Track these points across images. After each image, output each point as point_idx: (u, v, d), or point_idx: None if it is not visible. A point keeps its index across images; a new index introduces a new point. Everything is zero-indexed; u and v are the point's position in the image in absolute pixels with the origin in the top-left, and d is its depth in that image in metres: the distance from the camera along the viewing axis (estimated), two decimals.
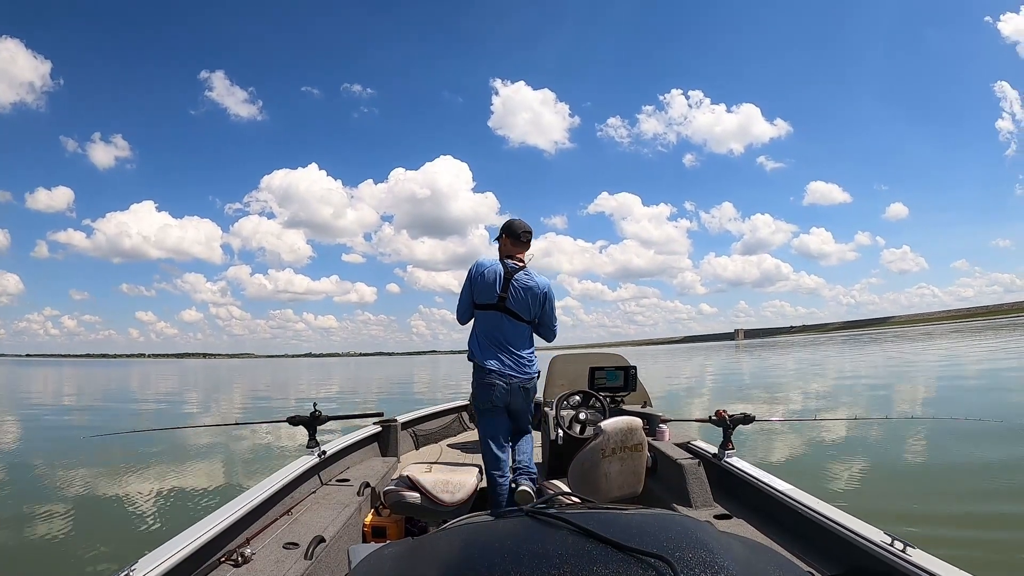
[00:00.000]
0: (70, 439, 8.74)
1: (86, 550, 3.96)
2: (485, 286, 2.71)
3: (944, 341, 41.73)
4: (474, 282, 2.73)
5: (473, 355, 2.76)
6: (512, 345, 2.73)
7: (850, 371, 20.78)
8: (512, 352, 2.73)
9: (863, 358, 28.69)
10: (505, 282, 2.70)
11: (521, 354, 2.74)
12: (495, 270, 2.72)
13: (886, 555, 1.57)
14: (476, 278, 2.73)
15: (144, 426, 9.13)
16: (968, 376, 15.36)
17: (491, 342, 2.73)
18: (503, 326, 2.72)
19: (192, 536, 1.70)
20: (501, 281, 2.70)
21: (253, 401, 17.98)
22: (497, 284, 2.70)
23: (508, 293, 2.70)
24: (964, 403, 9.54)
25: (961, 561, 1.47)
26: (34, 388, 26.75)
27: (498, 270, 2.72)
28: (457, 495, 2.46)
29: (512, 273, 2.72)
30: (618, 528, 0.72)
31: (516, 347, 2.74)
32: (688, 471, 2.56)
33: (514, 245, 2.78)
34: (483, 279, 2.71)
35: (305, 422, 2.89)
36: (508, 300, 2.70)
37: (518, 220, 2.80)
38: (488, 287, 2.71)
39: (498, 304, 2.71)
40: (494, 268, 2.72)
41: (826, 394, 13.25)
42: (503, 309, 2.71)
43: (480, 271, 2.73)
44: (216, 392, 22.79)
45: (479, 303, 2.75)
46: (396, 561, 0.82)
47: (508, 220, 2.84)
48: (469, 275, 2.77)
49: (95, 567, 3.66)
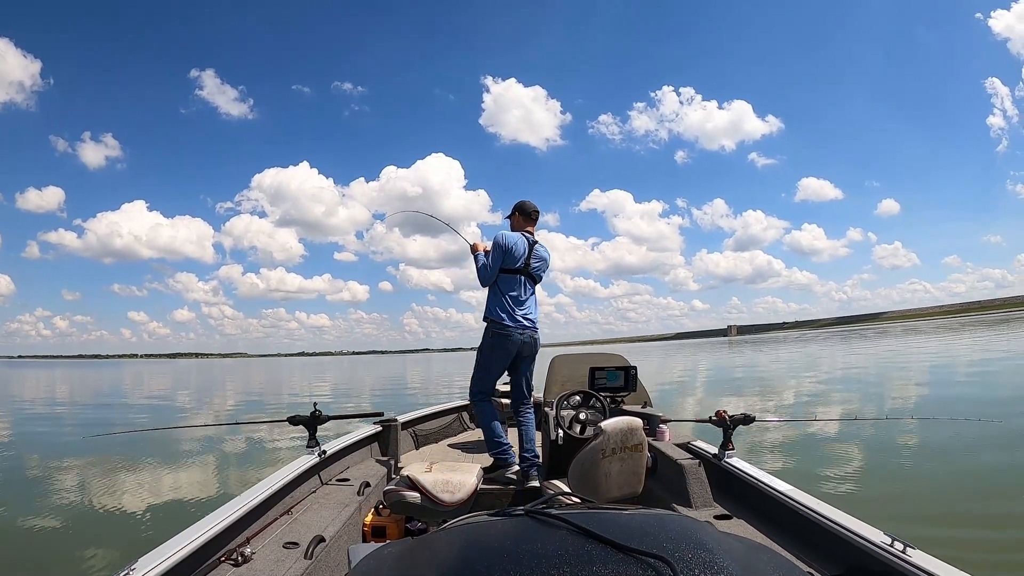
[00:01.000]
0: (66, 440, 8.72)
1: (86, 550, 3.95)
2: (515, 254, 3.27)
3: (938, 337, 41.81)
4: (506, 250, 3.26)
5: (495, 312, 3.27)
6: (528, 303, 3.34)
7: (846, 368, 20.83)
8: (528, 308, 3.33)
9: (858, 354, 28.74)
10: (529, 251, 3.31)
11: (533, 309, 3.36)
12: (522, 241, 3.30)
13: (886, 555, 1.57)
14: (509, 247, 3.26)
15: (141, 426, 9.13)
16: (964, 374, 15.39)
17: (514, 301, 3.28)
18: (521, 287, 3.31)
19: (192, 536, 1.69)
20: (527, 250, 3.30)
21: (250, 401, 17.93)
22: (524, 252, 3.29)
23: (530, 260, 3.32)
24: (962, 402, 9.55)
25: (961, 561, 1.47)
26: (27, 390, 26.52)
27: (522, 241, 3.30)
28: (457, 495, 2.45)
29: (532, 244, 3.34)
30: (618, 528, 0.72)
31: (530, 304, 3.35)
32: (688, 471, 2.56)
33: (526, 221, 3.40)
34: (515, 247, 3.27)
35: (305, 422, 2.88)
36: (531, 266, 3.32)
37: (528, 201, 3.40)
38: (518, 255, 3.28)
39: (522, 269, 3.30)
40: (520, 239, 3.30)
41: (823, 392, 13.27)
42: (525, 273, 3.31)
43: (511, 241, 3.27)
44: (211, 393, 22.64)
45: (505, 268, 3.28)
46: (396, 561, 0.82)
47: (520, 201, 3.41)
48: (499, 244, 3.27)
49: (95, 567, 3.66)
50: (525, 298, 3.32)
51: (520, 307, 3.30)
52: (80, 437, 7.55)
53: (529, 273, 3.33)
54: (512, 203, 3.48)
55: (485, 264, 3.33)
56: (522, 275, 3.31)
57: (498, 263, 3.28)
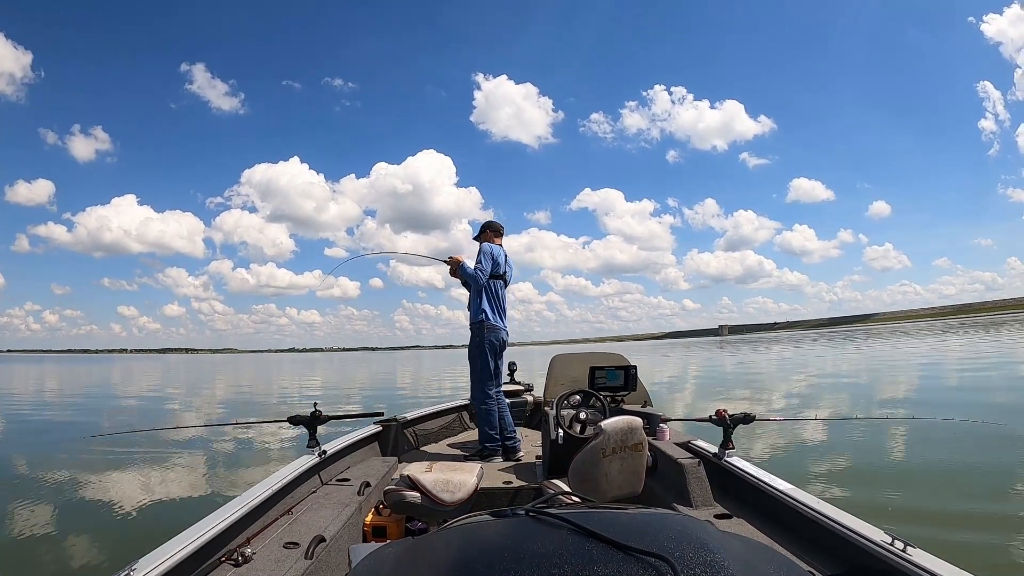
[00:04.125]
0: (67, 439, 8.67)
1: (85, 550, 3.94)
2: (498, 261, 3.85)
3: (932, 338, 41.86)
4: (494, 259, 3.82)
5: (487, 314, 3.80)
6: (505, 304, 3.93)
7: (842, 369, 20.82)
8: (505, 310, 3.92)
9: (852, 355, 28.75)
10: (505, 259, 3.92)
11: (507, 310, 3.95)
12: (501, 251, 3.91)
13: (886, 555, 1.57)
14: (496, 255, 3.84)
15: (140, 425, 9.10)
16: (963, 376, 15.38)
17: (498, 302, 3.87)
18: (503, 291, 3.91)
19: (192, 536, 1.69)
20: (504, 258, 3.90)
21: (243, 399, 17.77)
22: (503, 260, 3.89)
23: (507, 268, 3.93)
24: (962, 403, 9.54)
25: (961, 561, 1.47)
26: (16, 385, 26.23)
27: (501, 251, 3.91)
28: (457, 495, 2.45)
29: (506, 255, 3.94)
30: (618, 528, 0.72)
31: (505, 306, 3.94)
32: (688, 471, 2.57)
33: (496, 237, 4.00)
34: (498, 256, 3.86)
35: (305, 422, 2.88)
36: (507, 272, 3.94)
37: (495, 220, 4.05)
38: (500, 263, 3.86)
39: (502, 275, 3.89)
40: (500, 249, 3.92)
41: (821, 392, 13.27)
42: (503, 279, 3.91)
43: (496, 251, 3.87)
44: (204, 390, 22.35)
45: (492, 274, 3.81)
46: (396, 561, 0.82)
47: (488, 221, 4.00)
48: (489, 253, 3.82)
49: (95, 567, 3.66)
50: (503, 300, 3.91)
51: (503, 308, 3.89)
52: (80, 436, 7.51)
53: (505, 279, 3.92)
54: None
55: (477, 269, 3.79)
56: (501, 280, 3.89)
57: (488, 269, 3.78)
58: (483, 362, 3.80)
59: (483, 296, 3.80)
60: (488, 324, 3.77)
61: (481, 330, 3.77)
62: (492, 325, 3.78)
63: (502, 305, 3.88)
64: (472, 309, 3.85)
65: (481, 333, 3.77)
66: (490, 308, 3.79)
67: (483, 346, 3.79)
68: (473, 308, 3.83)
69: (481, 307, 3.78)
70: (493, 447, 3.75)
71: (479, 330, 3.78)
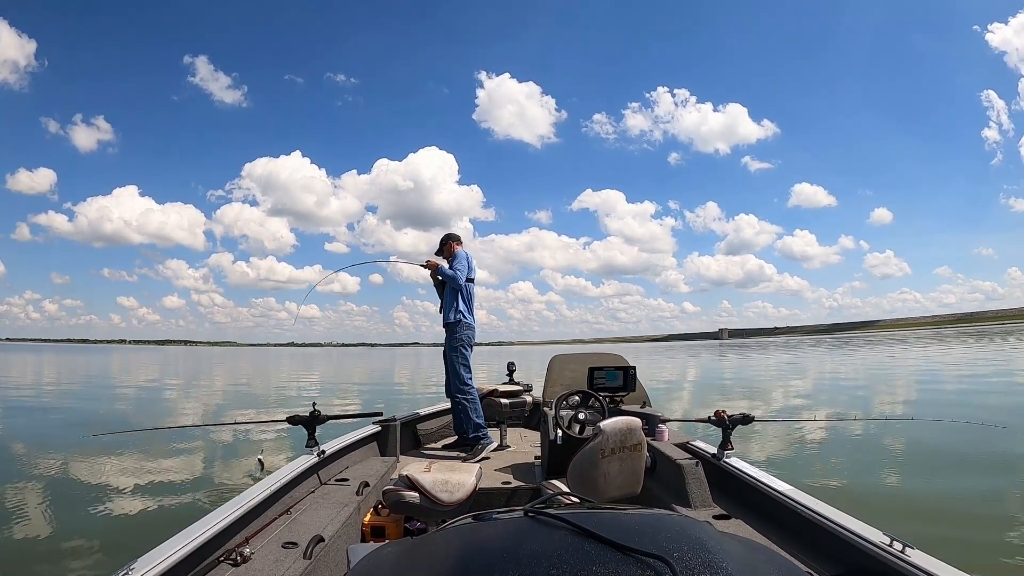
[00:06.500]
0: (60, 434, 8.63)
1: (85, 550, 3.93)
2: (471, 266, 4.23)
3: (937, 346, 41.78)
4: (468, 263, 4.19)
5: (462, 312, 4.12)
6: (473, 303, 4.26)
7: (845, 373, 20.83)
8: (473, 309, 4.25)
9: (856, 361, 28.74)
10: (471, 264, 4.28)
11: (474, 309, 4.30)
12: (470, 256, 4.25)
13: (886, 555, 1.57)
14: (470, 260, 4.22)
15: (139, 424, 9.09)
16: (963, 380, 15.38)
17: (472, 302, 4.23)
18: (473, 292, 4.26)
19: (191, 535, 1.69)
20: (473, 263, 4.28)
21: (242, 394, 17.75)
22: (473, 265, 4.27)
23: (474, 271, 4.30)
24: (962, 405, 9.55)
25: (961, 561, 1.47)
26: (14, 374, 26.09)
27: (471, 257, 4.26)
28: (456, 495, 2.45)
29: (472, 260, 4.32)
30: (617, 528, 0.72)
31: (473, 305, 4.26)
32: (687, 471, 2.56)
33: (459, 245, 4.32)
34: (471, 261, 4.24)
35: (304, 421, 2.88)
36: (474, 275, 4.31)
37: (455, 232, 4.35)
38: (472, 267, 4.26)
39: (472, 278, 4.25)
40: (470, 255, 4.26)
41: (821, 394, 13.27)
42: (472, 281, 4.27)
43: (470, 257, 4.24)
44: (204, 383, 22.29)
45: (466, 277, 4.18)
46: (395, 561, 0.82)
47: (448, 233, 4.34)
48: (466, 258, 4.19)
49: (93, 567, 3.65)
50: (473, 299, 4.28)
51: (473, 308, 4.26)
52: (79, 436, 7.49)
53: (473, 280, 4.31)
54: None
55: (456, 270, 4.13)
56: (472, 283, 4.26)
57: (465, 272, 4.15)
58: (463, 357, 4.11)
59: (459, 297, 4.13)
60: (465, 323, 4.13)
61: (459, 328, 4.11)
62: (468, 324, 4.15)
63: (472, 304, 4.25)
64: (448, 310, 4.14)
65: (460, 331, 4.11)
66: (466, 308, 4.16)
67: (462, 342, 4.12)
68: (450, 308, 4.14)
69: (458, 308, 4.12)
70: (485, 433, 3.99)
71: (457, 328, 4.11)
